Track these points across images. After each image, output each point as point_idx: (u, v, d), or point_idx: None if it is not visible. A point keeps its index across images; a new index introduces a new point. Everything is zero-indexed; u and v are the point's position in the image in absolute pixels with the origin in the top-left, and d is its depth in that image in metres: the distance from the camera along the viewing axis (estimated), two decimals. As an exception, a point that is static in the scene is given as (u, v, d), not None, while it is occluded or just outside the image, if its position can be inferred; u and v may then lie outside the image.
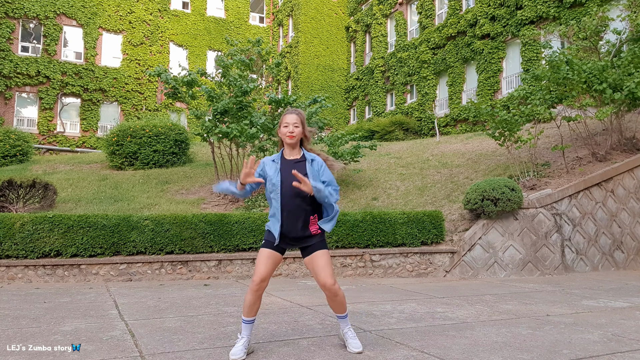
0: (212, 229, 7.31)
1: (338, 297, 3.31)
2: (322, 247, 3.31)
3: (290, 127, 3.30)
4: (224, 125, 10.05)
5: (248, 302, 3.25)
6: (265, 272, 3.23)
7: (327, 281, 3.23)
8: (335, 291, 3.26)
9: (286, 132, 3.31)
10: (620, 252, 8.85)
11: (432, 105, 22.38)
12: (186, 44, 29.34)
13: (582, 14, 15.72)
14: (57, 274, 6.77)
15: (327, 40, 29.00)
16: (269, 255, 3.27)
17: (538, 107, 9.30)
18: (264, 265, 3.24)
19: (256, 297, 3.24)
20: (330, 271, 3.27)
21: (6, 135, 15.10)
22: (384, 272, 7.66)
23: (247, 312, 3.27)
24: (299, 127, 3.32)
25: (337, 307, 3.36)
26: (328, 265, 3.28)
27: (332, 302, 3.33)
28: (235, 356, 3.17)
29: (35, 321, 4.27)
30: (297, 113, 3.36)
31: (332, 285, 3.23)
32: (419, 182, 10.97)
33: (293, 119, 3.32)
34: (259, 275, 3.22)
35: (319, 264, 3.26)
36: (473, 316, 4.65)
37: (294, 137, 3.31)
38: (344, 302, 3.37)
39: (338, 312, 3.39)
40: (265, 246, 3.30)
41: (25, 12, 25.24)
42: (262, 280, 3.22)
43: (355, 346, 3.37)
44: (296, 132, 3.31)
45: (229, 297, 5.61)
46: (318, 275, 3.26)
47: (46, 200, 8.87)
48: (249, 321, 3.29)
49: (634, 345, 3.65)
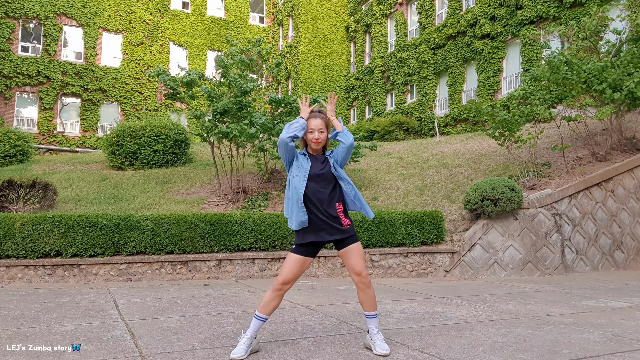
0: (212, 229, 7.30)
1: (371, 290, 3.36)
2: (356, 239, 3.37)
3: (316, 134, 3.30)
4: (224, 125, 10.04)
5: (267, 298, 3.28)
6: (290, 276, 3.26)
7: (363, 271, 3.31)
8: (369, 282, 3.35)
9: (312, 139, 3.31)
10: (620, 252, 8.85)
11: (432, 105, 22.38)
12: (186, 44, 29.34)
13: (582, 14, 15.72)
14: (57, 274, 6.77)
15: (327, 40, 29.01)
16: (298, 260, 3.29)
17: (538, 107, 9.30)
18: (290, 270, 3.27)
19: (275, 296, 3.28)
20: (364, 262, 3.39)
21: (6, 135, 15.10)
22: (384, 272, 7.66)
23: (263, 308, 3.28)
24: (324, 132, 3.32)
25: (369, 302, 3.37)
26: (363, 256, 3.38)
27: (366, 295, 3.35)
28: (236, 355, 3.17)
29: (35, 321, 4.27)
30: (321, 117, 3.33)
31: (367, 276, 3.34)
32: (419, 182, 10.97)
33: (318, 125, 3.30)
34: (283, 278, 3.26)
35: (355, 255, 3.32)
36: (473, 316, 4.65)
37: (319, 144, 3.33)
38: (375, 297, 3.39)
39: (369, 309, 3.38)
40: (293, 251, 3.32)
41: (25, 12, 25.24)
42: (285, 283, 3.26)
43: (382, 348, 3.30)
44: (322, 138, 3.31)
45: (229, 297, 5.61)
46: (354, 266, 3.32)
47: (46, 200, 8.87)
48: (262, 318, 3.28)
49: (634, 345, 3.65)
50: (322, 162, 3.37)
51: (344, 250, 3.35)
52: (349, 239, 3.34)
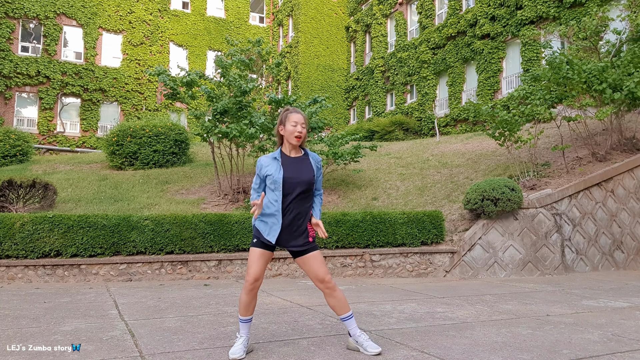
0: (212, 229, 7.30)
1: (337, 293, 3.32)
2: (316, 248, 3.35)
3: (299, 127, 3.27)
4: (224, 125, 10.04)
5: (244, 301, 3.27)
6: (259, 271, 3.24)
7: (326, 277, 3.27)
8: (333, 286, 3.30)
9: (294, 132, 3.27)
10: (620, 252, 8.86)
11: (432, 105, 22.38)
12: (186, 44, 29.34)
13: (582, 14, 15.72)
14: (57, 274, 6.77)
15: (327, 40, 29.00)
16: (261, 254, 3.27)
17: (538, 107, 9.30)
18: (257, 265, 3.25)
19: (252, 296, 3.26)
20: (326, 268, 3.33)
21: (6, 135, 15.10)
22: (384, 272, 7.66)
23: (244, 311, 3.28)
24: (305, 128, 3.32)
25: (340, 306, 3.32)
26: (323, 263, 3.33)
27: (333, 299, 3.31)
28: (235, 355, 3.17)
29: (35, 321, 4.27)
30: (302, 113, 3.34)
31: (330, 281, 3.29)
32: (419, 182, 10.97)
33: (301, 119, 3.29)
34: (253, 275, 3.23)
35: (316, 262, 3.29)
36: (473, 316, 4.65)
37: (301, 139, 3.30)
38: (345, 300, 3.35)
39: (341, 312, 3.33)
40: (257, 245, 3.28)
41: (25, 12, 25.24)
42: (256, 280, 3.24)
43: (373, 347, 3.27)
44: (303, 133, 3.30)
45: (229, 297, 5.61)
46: (317, 272, 3.27)
47: (46, 200, 8.87)
48: (247, 320, 3.30)
49: (634, 345, 3.65)
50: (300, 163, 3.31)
51: (302, 258, 3.31)
52: (309, 248, 3.31)
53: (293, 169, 3.27)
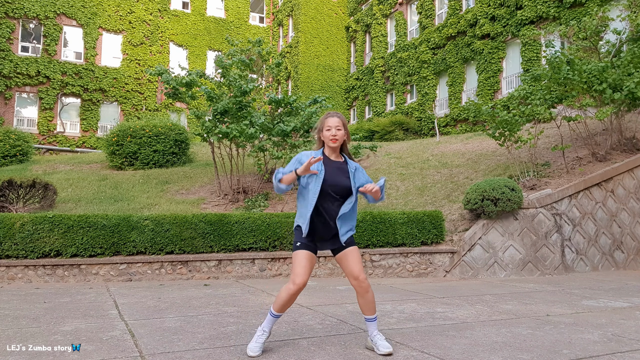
0: (212, 229, 7.30)
1: (370, 294, 3.33)
2: (354, 243, 3.37)
3: (333, 130, 3.32)
4: (224, 125, 10.04)
5: (284, 299, 3.25)
6: (307, 276, 3.24)
7: (361, 275, 3.28)
8: (367, 286, 3.31)
9: (329, 136, 3.32)
10: (620, 252, 8.85)
11: (432, 105, 22.38)
12: (186, 44, 29.34)
13: (582, 14, 15.72)
14: (57, 274, 6.77)
15: (327, 40, 29.00)
16: (308, 257, 3.28)
17: (538, 107, 9.30)
18: (305, 269, 3.24)
19: (293, 298, 3.27)
20: (362, 266, 3.35)
21: (6, 135, 15.10)
22: (384, 272, 7.66)
23: (280, 307, 3.28)
24: (342, 130, 3.35)
25: (368, 306, 3.35)
26: (360, 260, 3.35)
27: (365, 299, 3.34)
28: (254, 353, 3.21)
29: (35, 321, 4.27)
30: (338, 116, 3.39)
31: (365, 280, 3.30)
32: (419, 182, 10.97)
33: (335, 122, 3.34)
34: (302, 279, 3.20)
35: (353, 259, 3.31)
36: (473, 316, 4.65)
37: (336, 141, 3.34)
38: (374, 301, 3.37)
39: (368, 313, 3.37)
40: (302, 248, 3.29)
41: (25, 12, 25.24)
42: (304, 284, 3.22)
43: (385, 346, 3.32)
44: (339, 135, 3.34)
45: (229, 297, 5.61)
46: (352, 270, 3.29)
47: (46, 200, 8.87)
48: (278, 316, 3.33)
49: (634, 345, 3.65)
50: (340, 168, 3.36)
51: (340, 254, 3.35)
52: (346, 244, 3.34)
53: (333, 172, 3.32)
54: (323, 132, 3.37)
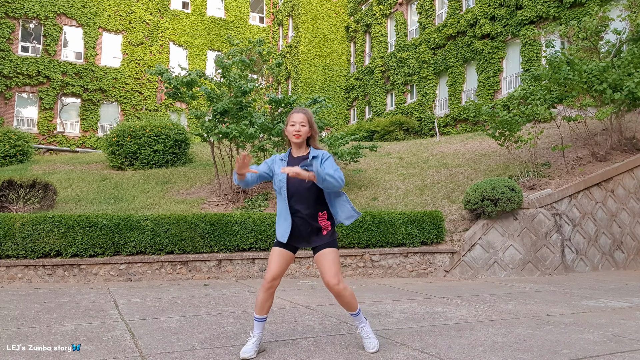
0: (212, 229, 7.30)
1: (343, 297, 3.30)
2: (331, 245, 3.30)
3: (297, 126, 3.32)
4: (224, 125, 10.04)
5: (260, 300, 3.28)
6: (277, 270, 3.25)
7: (331, 280, 3.22)
8: (338, 291, 3.24)
9: (292, 131, 3.32)
10: (620, 252, 8.85)
11: (432, 105, 22.38)
12: (186, 44, 29.34)
13: (582, 14, 15.72)
14: (57, 274, 6.77)
15: (327, 40, 29.00)
16: (280, 253, 3.29)
17: (538, 107, 9.30)
18: (276, 264, 3.26)
19: (268, 295, 3.27)
20: (335, 270, 3.24)
21: (6, 135, 15.10)
22: (384, 272, 7.66)
23: (259, 309, 3.29)
24: (306, 126, 3.34)
25: (346, 306, 3.36)
26: (334, 264, 3.26)
27: (339, 301, 3.34)
28: (246, 355, 3.19)
29: (35, 321, 4.27)
30: (303, 112, 3.37)
31: (335, 285, 3.22)
32: (419, 182, 10.97)
33: (300, 118, 3.33)
34: (271, 274, 3.24)
35: (325, 262, 3.26)
36: (473, 316, 4.65)
37: (300, 137, 3.32)
38: (353, 300, 3.35)
39: (348, 310, 3.39)
40: (276, 245, 3.33)
41: (25, 12, 25.23)
42: (274, 278, 3.24)
43: (370, 346, 3.34)
44: (302, 131, 3.32)
45: (229, 297, 5.61)
46: (323, 274, 3.27)
47: (46, 200, 8.87)
48: (261, 319, 3.30)
49: (634, 345, 3.65)
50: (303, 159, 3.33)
51: (317, 255, 3.32)
52: (323, 244, 3.30)
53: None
54: (287, 128, 3.36)
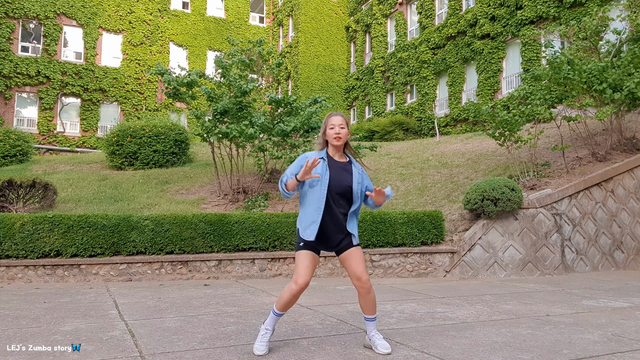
0: (212, 229, 7.30)
1: (371, 294, 3.33)
2: (358, 244, 3.37)
3: (337, 129, 3.33)
4: (224, 125, 10.04)
5: (286, 299, 3.25)
6: (309, 276, 3.24)
7: (364, 275, 3.28)
8: (369, 287, 3.31)
9: (333, 134, 3.33)
10: (620, 252, 8.85)
11: (432, 105, 22.38)
12: (186, 44, 29.34)
13: (582, 14, 15.72)
14: (57, 274, 6.77)
15: (327, 40, 29.00)
16: (311, 257, 3.28)
17: (538, 107, 9.30)
18: (309, 269, 3.24)
19: (296, 298, 3.26)
20: (364, 266, 3.33)
21: (6, 135, 15.10)
22: (384, 272, 7.66)
23: (283, 306, 3.28)
24: (345, 129, 3.36)
25: (370, 306, 3.36)
26: (363, 260, 3.35)
27: (365, 300, 3.34)
28: (260, 352, 3.23)
29: (35, 321, 4.27)
30: (341, 115, 3.41)
31: (367, 280, 3.29)
32: (419, 182, 10.97)
33: (339, 121, 3.36)
34: (304, 280, 3.20)
35: (355, 259, 3.30)
36: (473, 316, 4.65)
37: (340, 139, 3.34)
38: (375, 302, 3.38)
39: (368, 313, 3.38)
40: (305, 248, 3.29)
41: (25, 12, 25.24)
42: (307, 284, 3.22)
43: (384, 347, 3.34)
44: (342, 133, 3.35)
45: (229, 297, 5.61)
46: (355, 270, 3.28)
47: (46, 200, 8.87)
48: (280, 314, 3.33)
49: (634, 345, 3.65)
50: (344, 168, 3.35)
51: (344, 254, 3.34)
52: (349, 244, 3.34)
53: (337, 172, 3.31)
54: (327, 132, 3.38)
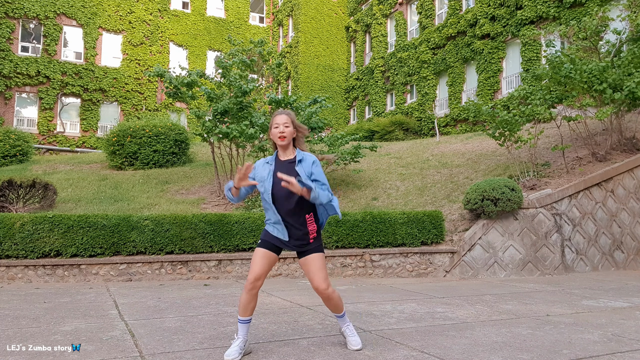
0: (212, 229, 7.30)
1: (332, 300, 3.32)
2: (318, 250, 3.30)
3: (281, 128, 3.27)
4: (224, 125, 10.04)
5: (243, 301, 3.24)
6: (260, 271, 3.21)
7: (320, 285, 3.24)
8: (328, 295, 3.27)
9: (277, 133, 3.27)
10: (620, 252, 8.85)
11: (432, 105, 22.38)
12: (186, 44, 29.34)
13: (582, 14, 15.72)
14: (57, 274, 6.76)
15: (327, 40, 29.00)
16: (264, 254, 3.26)
17: (538, 107, 9.30)
18: (259, 265, 3.23)
19: (251, 296, 3.22)
20: (323, 275, 3.26)
21: (6, 135, 15.10)
22: (384, 272, 7.66)
23: (243, 311, 3.25)
24: (290, 127, 3.29)
25: (333, 308, 3.39)
26: (322, 268, 3.27)
27: (327, 303, 3.36)
28: (230, 357, 3.16)
29: (35, 321, 4.27)
30: (286, 113, 3.33)
31: (324, 290, 3.24)
32: (419, 182, 10.97)
33: (283, 120, 3.28)
34: (254, 274, 3.20)
35: (313, 267, 3.26)
36: (473, 316, 4.65)
37: (285, 138, 3.27)
38: (340, 303, 3.38)
39: (335, 312, 3.43)
40: (261, 245, 3.29)
41: (25, 12, 25.23)
42: (257, 279, 3.19)
43: (354, 343, 3.40)
44: (287, 132, 3.28)
45: (229, 297, 5.61)
46: (312, 279, 3.27)
47: (46, 200, 8.87)
48: (245, 321, 3.26)
49: (634, 345, 3.65)
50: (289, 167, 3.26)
51: (302, 259, 3.31)
52: (310, 249, 3.29)
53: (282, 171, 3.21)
54: (271, 131, 3.32)
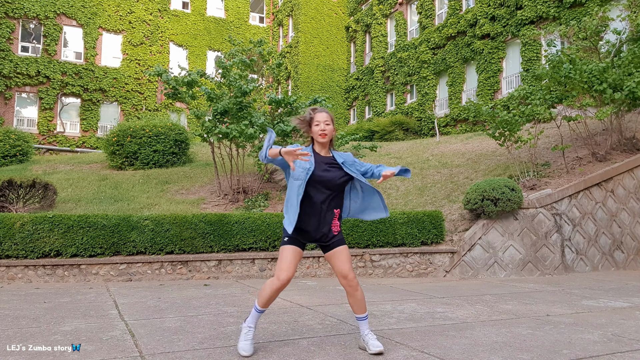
0: (212, 229, 7.30)
1: (358, 293, 3.34)
2: (343, 242, 3.37)
3: (322, 125, 3.33)
4: (224, 125, 10.04)
5: (268, 295, 3.26)
6: (292, 270, 3.24)
7: (350, 273, 3.29)
8: (356, 285, 3.32)
9: (318, 131, 3.33)
10: (620, 252, 8.85)
11: (432, 105, 22.38)
12: (186, 44, 29.34)
13: (582, 14, 15.72)
14: (57, 274, 6.77)
15: (327, 40, 29.00)
16: (294, 251, 3.28)
17: (538, 107, 9.30)
18: (291, 263, 3.24)
19: (277, 294, 3.27)
20: (351, 264, 3.35)
21: (6, 135, 15.10)
22: (384, 272, 7.66)
23: (265, 302, 3.29)
24: (330, 125, 3.36)
25: (358, 305, 3.36)
26: (350, 259, 3.36)
27: (353, 298, 3.35)
28: (247, 352, 3.21)
29: (35, 321, 4.27)
30: (326, 111, 3.40)
31: (354, 278, 3.31)
32: (419, 182, 10.97)
33: (324, 117, 3.35)
34: (287, 275, 3.20)
35: (343, 256, 3.32)
36: (473, 316, 4.65)
37: (326, 136, 3.34)
38: (364, 300, 3.39)
39: (359, 312, 3.38)
40: (289, 243, 3.29)
41: (25, 12, 25.24)
42: (289, 279, 3.23)
43: (377, 345, 3.31)
44: (328, 129, 3.34)
45: (229, 297, 5.61)
46: (342, 269, 3.30)
47: (46, 200, 8.87)
48: (262, 311, 3.34)
49: (634, 345, 3.65)
50: (329, 164, 3.35)
51: (330, 252, 3.35)
52: (335, 243, 3.33)
53: (323, 167, 3.31)
54: (312, 128, 3.37)
